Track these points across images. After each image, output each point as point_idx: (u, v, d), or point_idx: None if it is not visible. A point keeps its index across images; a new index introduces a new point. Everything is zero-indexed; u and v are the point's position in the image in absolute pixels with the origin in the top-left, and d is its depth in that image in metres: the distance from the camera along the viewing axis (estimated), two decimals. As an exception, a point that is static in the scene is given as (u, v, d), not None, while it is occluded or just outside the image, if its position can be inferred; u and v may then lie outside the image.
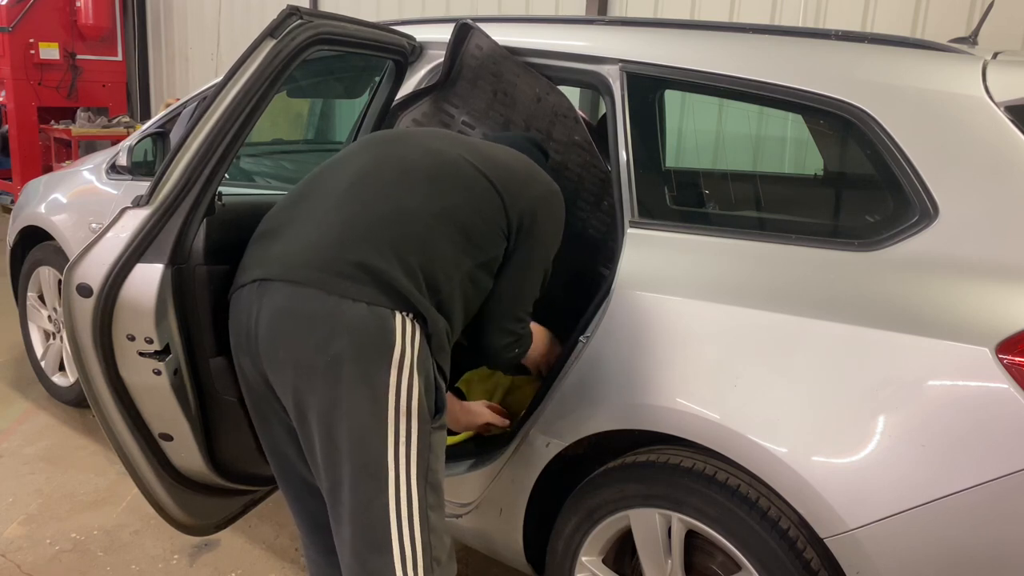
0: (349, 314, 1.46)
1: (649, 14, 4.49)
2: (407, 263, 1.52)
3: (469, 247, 1.62)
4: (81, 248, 1.68)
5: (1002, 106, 1.51)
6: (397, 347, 1.47)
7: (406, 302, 1.50)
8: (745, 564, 1.59)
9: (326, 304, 1.47)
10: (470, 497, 2.03)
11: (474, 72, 2.17)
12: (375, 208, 1.58)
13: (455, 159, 1.69)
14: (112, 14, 7.40)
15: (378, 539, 1.46)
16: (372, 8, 5.87)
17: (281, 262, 1.54)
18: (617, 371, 1.73)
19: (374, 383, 1.45)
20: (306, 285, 1.49)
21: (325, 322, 1.47)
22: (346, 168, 1.68)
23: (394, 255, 1.51)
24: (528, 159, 1.84)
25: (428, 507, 1.50)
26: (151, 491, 1.91)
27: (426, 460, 1.50)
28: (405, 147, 1.72)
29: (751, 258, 1.67)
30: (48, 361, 3.51)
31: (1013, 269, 1.42)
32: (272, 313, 1.52)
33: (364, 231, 1.54)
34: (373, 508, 1.46)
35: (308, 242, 1.55)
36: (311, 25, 1.76)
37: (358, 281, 1.48)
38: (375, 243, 1.52)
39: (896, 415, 1.43)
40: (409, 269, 1.52)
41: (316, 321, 1.47)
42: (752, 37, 1.84)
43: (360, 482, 1.46)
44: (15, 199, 6.63)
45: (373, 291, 1.48)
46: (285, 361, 1.51)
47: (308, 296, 1.49)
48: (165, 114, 3.09)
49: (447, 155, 1.70)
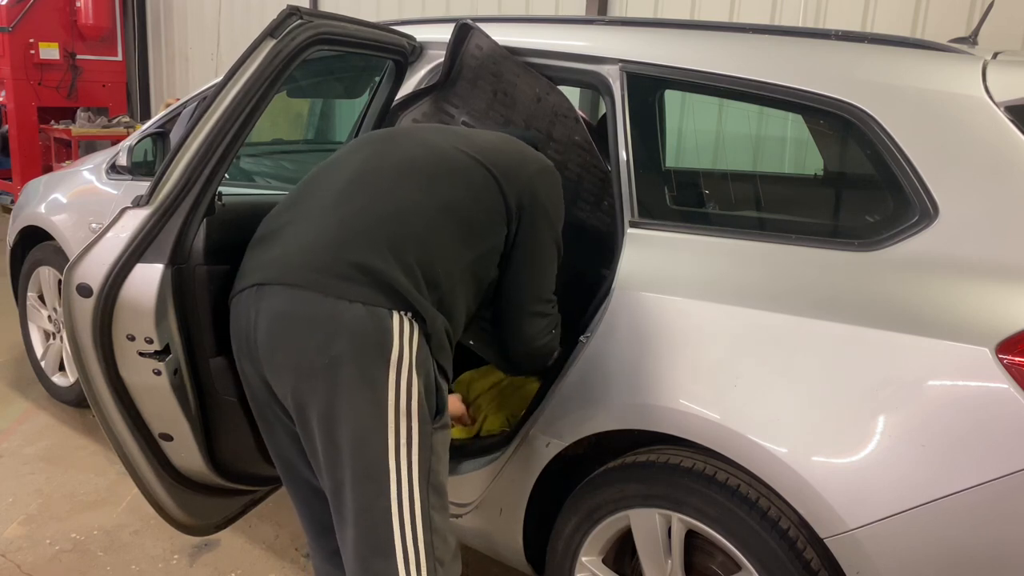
0: (347, 316, 1.46)
1: (649, 14, 4.49)
2: (405, 262, 1.51)
3: (470, 239, 1.62)
4: (81, 248, 1.68)
5: (1002, 106, 1.51)
6: (395, 347, 1.46)
7: (404, 301, 1.49)
8: (745, 564, 1.59)
9: (323, 306, 1.47)
10: (470, 497, 2.03)
11: (474, 72, 2.17)
12: (372, 207, 1.57)
13: (449, 151, 1.69)
14: (112, 14, 7.40)
15: (380, 541, 1.45)
16: (372, 8, 5.87)
17: (278, 265, 1.54)
18: (617, 371, 1.73)
19: (374, 384, 1.45)
20: (303, 288, 1.49)
21: (323, 324, 1.46)
22: (342, 169, 1.68)
23: (391, 254, 1.51)
24: (517, 140, 1.84)
25: (431, 508, 1.49)
26: (151, 491, 1.91)
27: (427, 461, 1.49)
28: (400, 144, 1.72)
29: (751, 258, 1.67)
30: (48, 361, 3.51)
31: (1013, 269, 1.42)
32: (270, 317, 1.52)
33: (361, 231, 1.54)
34: (375, 510, 1.46)
35: (305, 244, 1.54)
36: (311, 25, 1.76)
37: (355, 282, 1.48)
38: (372, 243, 1.52)
39: (896, 415, 1.43)
40: (407, 268, 1.51)
41: (314, 324, 1.47)
42: (752, 37, 1.84)
43: (361, 484, 1.46)
44: (15, 199, 6.63)
45: (370, 291, 1.48)
46: (285, 364, 1.51)
47: (305, 299, 1.48)
48: (165, 114, 3.09)
49: (442, 148, 1.70)
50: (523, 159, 1.76)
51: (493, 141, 1.78)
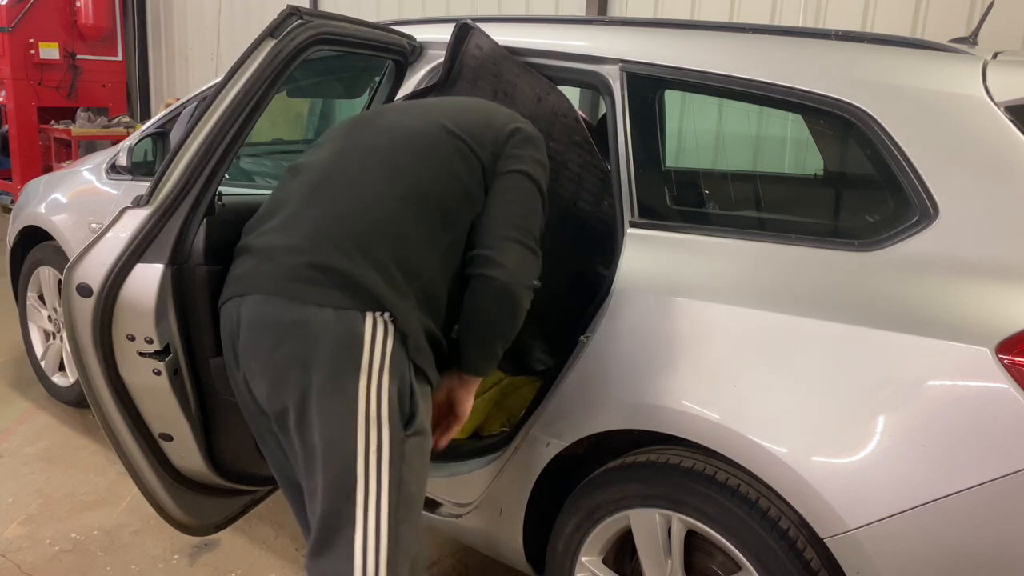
0: (316, 321, 1.44)
1: (649, 14, 4.49)
2: (375, 258, 1.49)
3: (446, 220, 1.59)
4: (81, 248, 1.68)
5: (1002, 106, 1.51)
6: (366, 352, 1.44)
7: (376, 302, 1.46)
8: (745, 564, 1.59)
9: (293, 312, 1.45)
10: (470, 497, 2.03)
11: (474, 72, 2.17)
12: (338, 207, 1.55)
13: (415, 128, 1.66)
14: (112, 14, 7.40)
15: (341, 549, 1.43)
16: (372, 8, 5.87)
17: (253, 274, 1.53)
18: (617, 371, 1.73)
19: (344, 391, 1.43)
20: (275, 295, 1.48)
21: (293, 331, 1.45)
22: (311, 170, 1.65)
23: (360, 253, 1.48)
24: (485, 101, 1.82)
25: (398, 522, 1.45)
26: (151, 491, 1.91)
27: (398, 470, 1.45)
28: (365, 134, 1.69)
29: (751, 258, 1.67)
30: (48, 361, 3.51)
31: (1013, 269, 1.42)
32: (246, 326, 1.51)
33: (328, 232, 1.51)
34: (341, 517, 1.43)
35: (276, 250, 1.53)
36: (311, 25, 1.76)
37: (324, 285, 1.46)
38: (339, 243, 1.49)
39: (896, 415, 1.43)
40: (378, 264, 1.48)
41: (285, 331, 1.45)
42: (752, 37, 1.84)
43: (331, 490, 1.44)
44: (15, 199, 6.63)
45: (339, 294, 1.45)
46: (259, 372, 1.50)
47: (276, 306, 1.47)
48: (165, 114, 3.09)
49: (406, 128, 1.66)
50: (490, 116, 1.73)
51: (461, 103, 1.77)
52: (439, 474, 2.06)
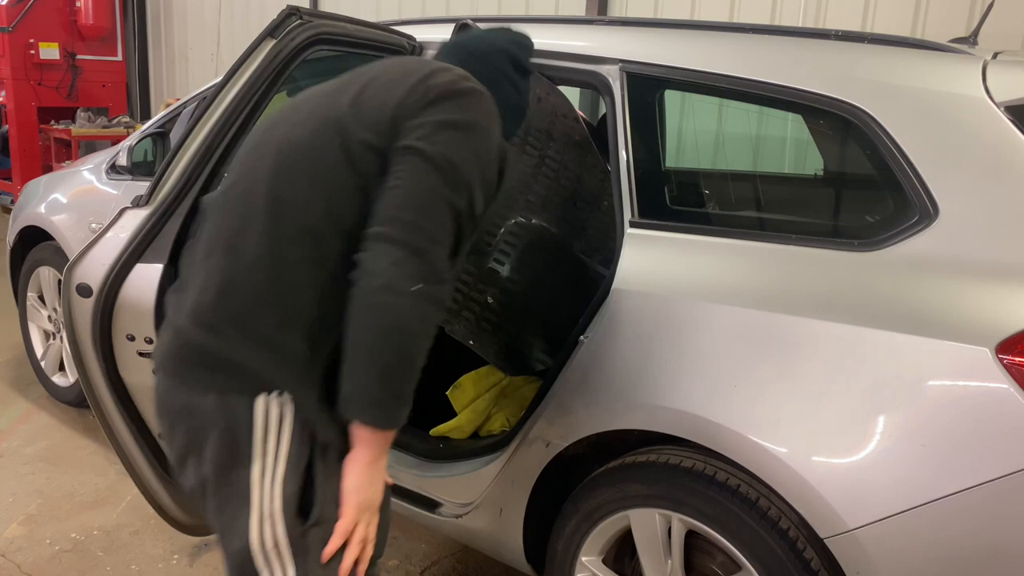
0: (200, 410, 1.31)
1: (649, 14, 4.49)
2: (258, 333, 1.30)
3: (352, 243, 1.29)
4: (81, 248, 1.68)
5: (1002, 106, 1.51)
6: (258, 442, 1.30)
7: (265, 383, 1.30)
8: (745, 564, 1.59)
9: (180, 397, 1.34)
10: (470, 497, 2.03)
11: (474, 72, 2.17)
12: (220, 275, 1.33)
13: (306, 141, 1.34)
14: (112, 14, 7.40)
15: None
16: (372, 8, 5.87)
17: (159, 344, 1.42)
18: (617, 371, 1.73)
19: (236, 484, 1.31)
20: (167, 375, 1.36)
21: (181, 419, 1.34)
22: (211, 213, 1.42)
23: (237, 331, 1.30)
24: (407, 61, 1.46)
25: None
26: (151, 491, 1.92)
27: (304, 564, 1.30)
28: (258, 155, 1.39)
29: (751, 258, 1.67)
30: (48, 361, 3.51)
31: (1013, 269, 1.42)
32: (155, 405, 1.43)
33: (209, 309, 1.32)
34: None
35: (172, 318, 1.39)
36: (311, 25, 1.77)
37: (205, 368, 1.31)
38: (217, 322, 1.31)
39: (896, 415, 1.43)
40: (262, 340, 1.30)
41: (176, 417, 1.35)
42: (752, 37, 1.84)
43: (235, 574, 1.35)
44: (15, 199, 6.63)
45: (222, 377, 1.30)
46: (169, 453, 1.43)
47: (166, 387, 1.36)
48: (165, 114, 3.10)
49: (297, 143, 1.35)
50: (392, 88, 1.34)
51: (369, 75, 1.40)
52: (439, 474, 2.06)
